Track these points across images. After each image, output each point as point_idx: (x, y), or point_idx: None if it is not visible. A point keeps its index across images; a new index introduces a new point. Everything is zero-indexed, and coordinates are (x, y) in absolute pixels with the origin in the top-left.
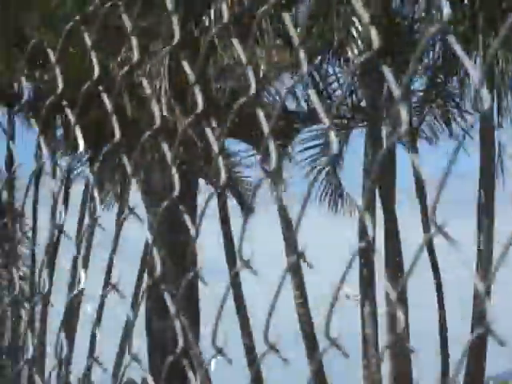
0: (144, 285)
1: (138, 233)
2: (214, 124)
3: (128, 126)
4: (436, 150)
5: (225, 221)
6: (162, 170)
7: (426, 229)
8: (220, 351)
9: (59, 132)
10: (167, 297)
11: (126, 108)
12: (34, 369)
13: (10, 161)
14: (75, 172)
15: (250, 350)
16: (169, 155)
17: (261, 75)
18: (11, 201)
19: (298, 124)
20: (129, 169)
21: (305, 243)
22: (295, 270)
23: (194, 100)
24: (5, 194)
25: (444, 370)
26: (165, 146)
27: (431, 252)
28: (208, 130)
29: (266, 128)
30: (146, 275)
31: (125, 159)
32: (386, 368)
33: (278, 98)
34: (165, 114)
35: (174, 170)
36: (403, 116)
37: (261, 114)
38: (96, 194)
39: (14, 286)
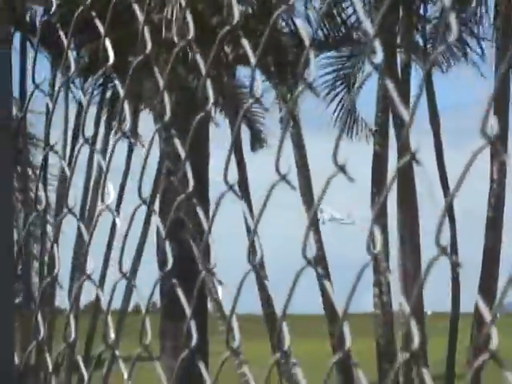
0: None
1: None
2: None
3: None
4: (448, 77)
5: (239, 151)
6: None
7: None
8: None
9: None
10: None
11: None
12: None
13: (22, 88)
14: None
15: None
16: (161, 81)
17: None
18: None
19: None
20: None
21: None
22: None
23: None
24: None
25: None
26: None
27: None
28: (198, 57)
29: (252, 59)
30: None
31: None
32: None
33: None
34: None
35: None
36: (453, 24)
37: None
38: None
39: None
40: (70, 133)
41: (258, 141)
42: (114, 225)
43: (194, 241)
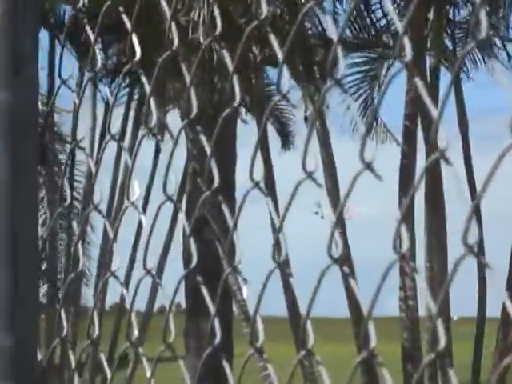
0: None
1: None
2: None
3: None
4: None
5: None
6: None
7: None
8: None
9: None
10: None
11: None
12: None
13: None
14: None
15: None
16: (187, 77)
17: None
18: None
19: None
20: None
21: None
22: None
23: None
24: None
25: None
26: (185, 72)
27: None
28: (225, 53)
29: (279, 54)
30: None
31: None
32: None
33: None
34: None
35: (192, 93)
36: (483, 20)
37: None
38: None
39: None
40: (98, 131)
41: (286, 140)
42: (140, 224)
43: (220, 240)
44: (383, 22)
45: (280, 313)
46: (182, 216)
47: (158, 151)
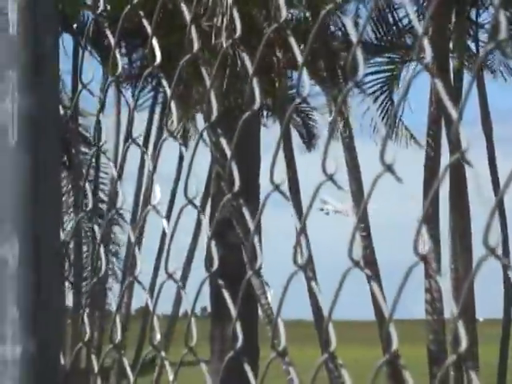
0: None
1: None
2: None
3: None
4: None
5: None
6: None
7: None
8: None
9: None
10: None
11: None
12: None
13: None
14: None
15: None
16: (208, 80)
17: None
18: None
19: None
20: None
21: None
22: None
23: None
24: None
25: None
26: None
27: None
28: (245, 56)
29: (299, 57)
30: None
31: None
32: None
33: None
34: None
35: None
36: (502, 21)
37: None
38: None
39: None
40: (122, 137)
41: (309, 142)
42: (163, 230)
43: (242, 243)
44: (405, 22)
45: (308, 316)
46: (204, 219)
47: (181, 158)
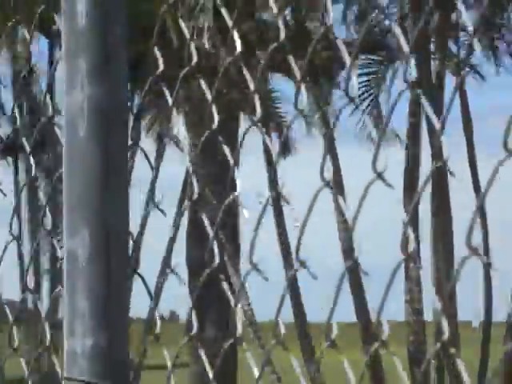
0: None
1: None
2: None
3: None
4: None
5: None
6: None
7: None
8: (255, 267)
9: None
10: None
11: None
12: None
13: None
14: None
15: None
16: (208, 92)
17: None
18: None
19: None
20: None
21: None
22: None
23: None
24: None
25: None
26: (203, 84)
27: None
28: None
29: (298, 74)
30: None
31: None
32: None
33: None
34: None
35: (213, 108)
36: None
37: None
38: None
39: None
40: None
41: (284, 147)
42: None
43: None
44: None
45: (288, 318)
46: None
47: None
